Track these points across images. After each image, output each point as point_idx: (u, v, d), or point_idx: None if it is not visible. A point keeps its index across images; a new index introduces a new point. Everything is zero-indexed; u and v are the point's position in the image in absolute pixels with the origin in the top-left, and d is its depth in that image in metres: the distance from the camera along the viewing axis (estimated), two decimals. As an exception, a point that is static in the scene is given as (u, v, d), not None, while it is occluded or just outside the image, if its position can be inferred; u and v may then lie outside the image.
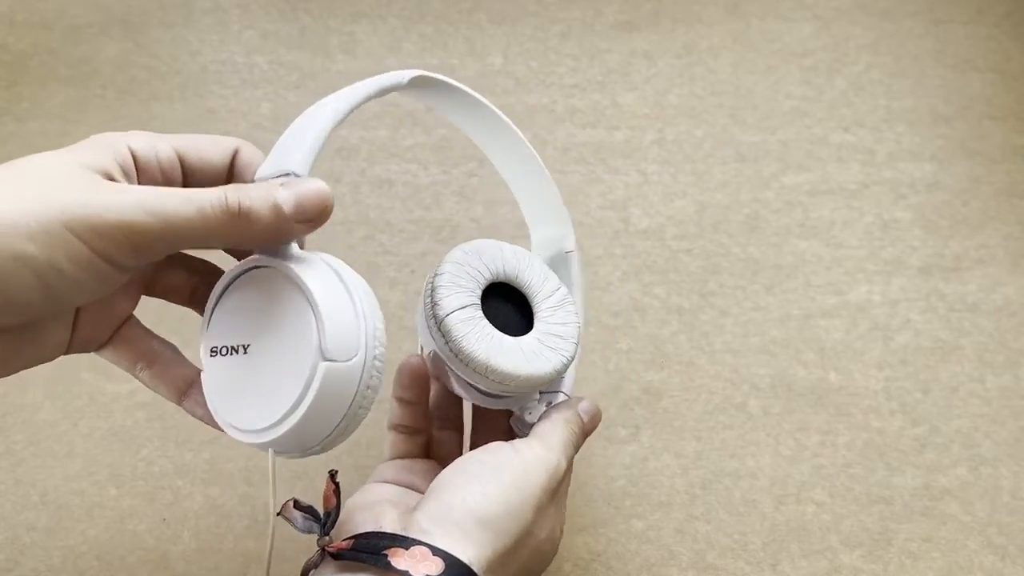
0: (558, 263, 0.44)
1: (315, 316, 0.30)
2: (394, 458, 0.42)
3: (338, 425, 0.31)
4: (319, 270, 0.31)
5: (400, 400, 0.42)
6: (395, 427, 0.42)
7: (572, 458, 0.38)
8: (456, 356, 0.37)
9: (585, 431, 0.40)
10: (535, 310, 0.40)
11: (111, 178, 0.30)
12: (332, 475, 0.34)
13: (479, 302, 0.39)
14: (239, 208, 0.29)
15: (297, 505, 0.34)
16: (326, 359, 0.30)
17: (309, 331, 0.30)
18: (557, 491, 0.36)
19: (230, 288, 0.33)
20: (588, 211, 0.55)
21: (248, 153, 0.35)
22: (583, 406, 0.40)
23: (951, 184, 0.56)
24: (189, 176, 0.34)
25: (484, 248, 0.40)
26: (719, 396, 0.51)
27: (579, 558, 0.47)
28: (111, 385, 0.51)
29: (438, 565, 0.31)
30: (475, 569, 0.31)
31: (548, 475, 0.35)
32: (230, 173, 0.35)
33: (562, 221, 0.44)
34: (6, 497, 0.48)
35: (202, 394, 0.33)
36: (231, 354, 0.32)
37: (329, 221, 0.55)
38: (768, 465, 0.49)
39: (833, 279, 0.54)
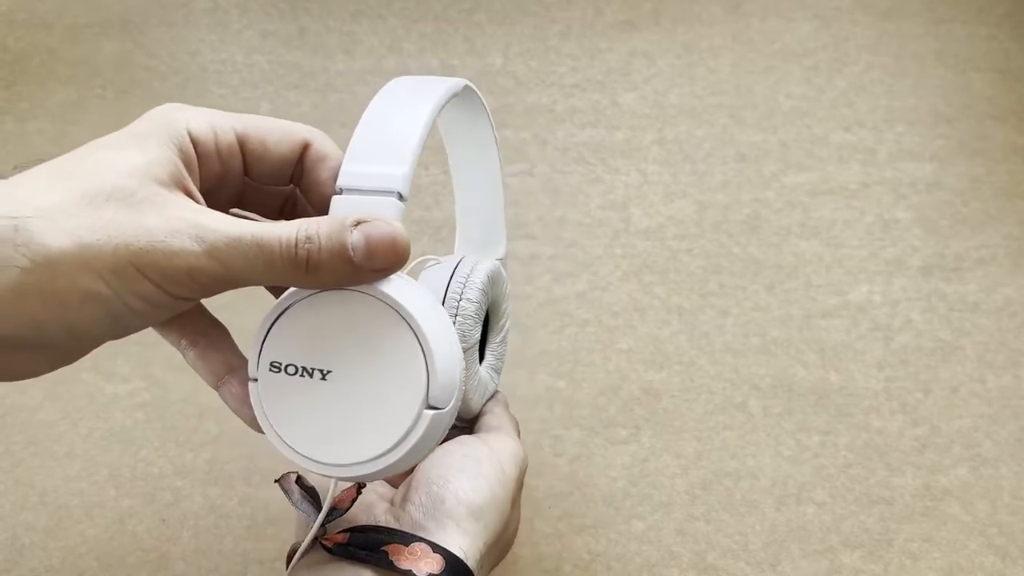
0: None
1: (426, 360, 0.28)
2: None
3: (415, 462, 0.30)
4: (420, 301, 0.29)
5: None
6: None
7: None
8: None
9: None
10: (488, 339, 0.42)
11: (181, 185, 0.28)
12: (360, 485, 0.33)
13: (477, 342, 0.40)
14: (307, 263, 0.27)
15: (299, 481, 0.34)
16: (431, 407, 0.28)
17: (417, 375, 0.28)
18: (522, 478, 0.38)
19: (303, 302, 0.29)
20: (588, 211, 0.55)
21: (321, 147, 0.31)
22: (500, 395, 0.43)
23: (951, 184, 0.56)
24: (250, 166, 0.31)
25: (493, 271, 0.40)
26: (719, 396, 0.51)
27: (579, 558, 0.47)
28: (111, 385, 0.51)
29: (439, 563, 0.31)
30: (469, 564, 0.31)
31: (519, 466, 0.37)
32: (299, 166, 0.32)
33: (501, 234, 0.43)
34: (6, 497, 0.48)
35: (241, 385, 0.31)
36: (303, 375, 0.29)
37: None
38: (768, 465, 0.49)
39: (834, 279, 0.54)
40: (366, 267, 0.28)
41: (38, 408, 0.50)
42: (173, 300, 0.27)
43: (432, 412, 0.28)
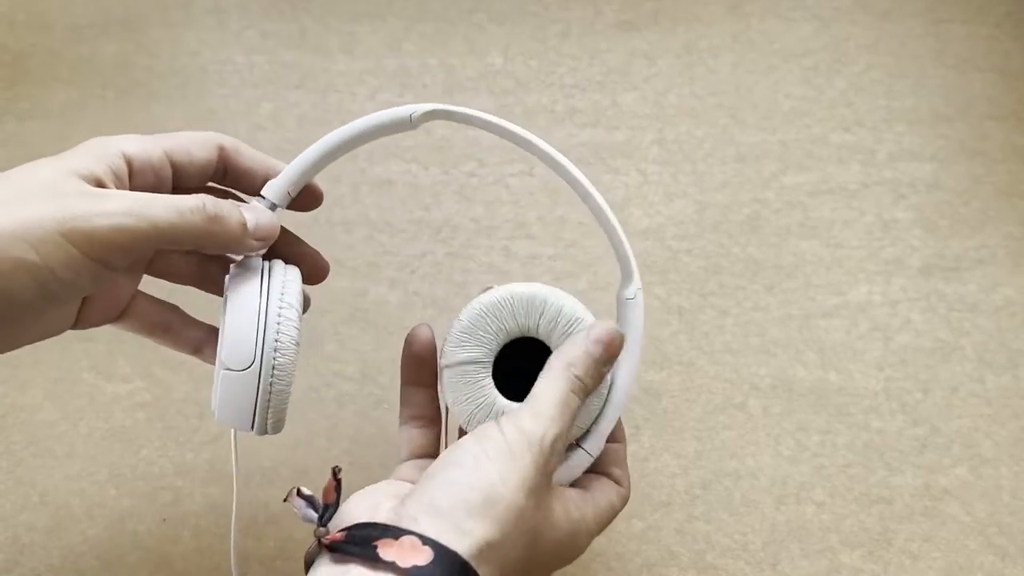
0: (619, 308, 0.41)
1: (221, 328, 0.35)
2: (410, 458, 0.40)
3: (254, 418, 0.36)
4: (248, 284, 0.36)
5: (407, 384, 0.41)
6: (407, 421, 0.41)
7: (571, 415, 0.36)
8: (447, 408, 0.39)
9: (600, 363, 0.37)
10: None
11: (101, 184, 0.33)
12: (335, 471, 0.34)
13: (490, 358, 0.38)
14: (212, 215, 0.34)
15: (300, 493, 0.34)
16: (225, 368, 0.35)
17: (221, 340, 0.35)
18: (549, 462, 0.34)
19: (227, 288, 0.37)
20: (588, 211, 0.55)
21: (234, 146, 0.38)
22: (596, 333, 0.37)
23: (951, 184, 0.56)
24: (178, 176, 0.37)
25: (522, 296, 0.39)
26: (719, 396, 0.51)
27: (579, 558, 0.47)
28: (111, 385, 0.51)
29: (427, 555, 0.30)
30: (466, 558, 0.31)
31: (533, 453, 0.33)
32: (219, 165, 0.38)
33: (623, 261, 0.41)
34: (6, 497, 0.48)
35: (214, 348, 0.36)
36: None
37: (329, 221, 0.55)
38: (768, 465, 0.49)
39: (833, 279, 0.54)
40: (254, 235, 0.36)
41: (38, 408, 0.50)
42: (97, 266, 0.32)
43: (225, 371, 0.35)
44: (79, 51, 0.59)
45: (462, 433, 0.40)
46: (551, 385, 0.36)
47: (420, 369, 0.40)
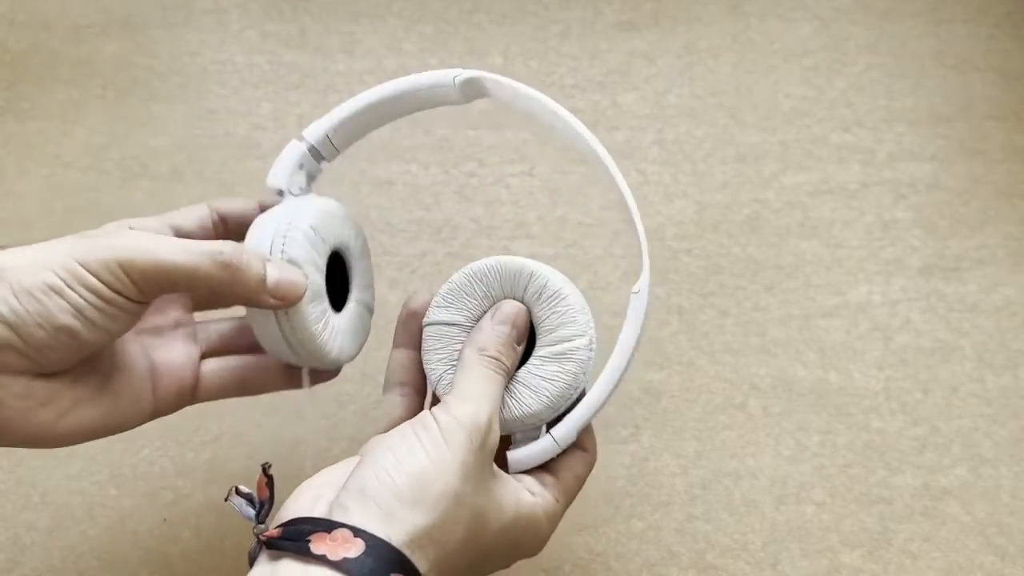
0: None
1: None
2: (389, 428, 0.38)
3: (290, 348, 0.39)
4: (268, 215, 0.40)
5: (401, 345, 0.40)
6: (391, 387, 0.40)
7: (500, 387, 0.36)
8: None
9: (510, 340, 0.38)
10: (533, 352, 0.39)
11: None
12: (264, 468, 0.35)
13: (471, 323, 0.39)
14: (230, 261, 0.35)
15: (239, 492, 0.35)
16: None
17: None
18: (484, 446, 0.34)
19: None
20: (588, 211, 0.55)
21: (214, 204, 0.41)
22: (498, 315, 0.38)
23: (951, 184, 0.56)
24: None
25: (510, 265, 0.39)
26: (719, 396, 0.51)
27: (579, 558, 0.47)
28: (111, 385, 0.51)
29: (358, 547, 0.30)
30: (397, 546, 0.30)
31: (467, 434, 0.33)
32: (218, 222, 0.41)
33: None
34: (7, 497, 0.48)
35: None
36: None
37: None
38: (768, 465, 0.49)
39: (833, 279, 0.54)
40: (272, 293, 0.37)
41: (39, 408, 0.50)
42: (116, 296, 0.33)
43: (248, 308, 0.39)
44: (79, 51, 0.59)
45: (435, 400, 0.40)
46: (470, 372, 0.36)
47: (414, 330, 0.40)
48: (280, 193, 0.41)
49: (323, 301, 0.39)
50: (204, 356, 0.41)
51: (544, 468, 0.39)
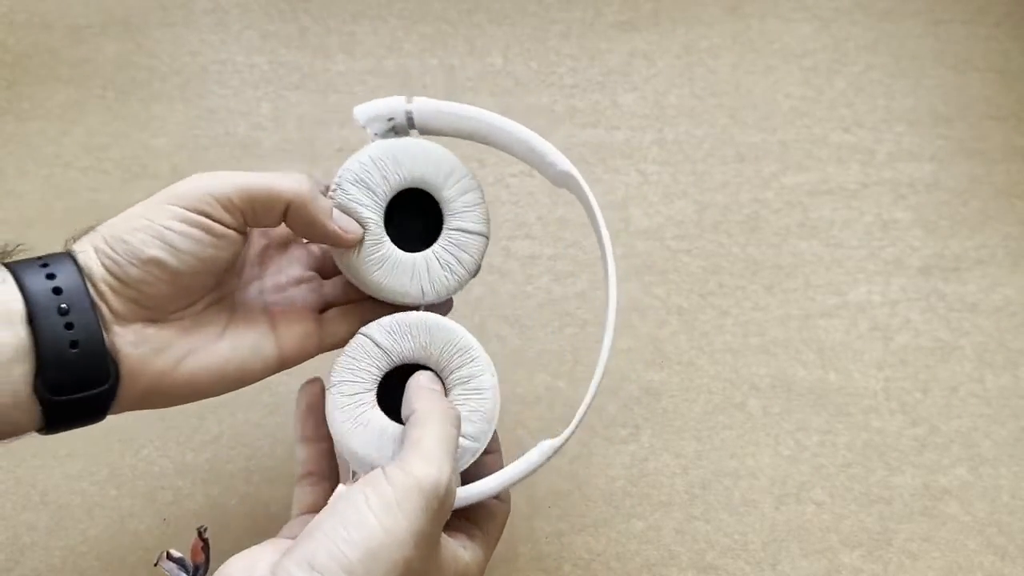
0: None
1: None
2: (301, 514, 0.38)
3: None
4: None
5: (302, 440, 0.40)
6: (300, 478, 0.39)
7: (456, 440, 0.35)
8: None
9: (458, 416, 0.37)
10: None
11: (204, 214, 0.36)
12: (200, 531, 0.34)
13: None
14: (312, 193, 0.37)
15: (170, 556, 0.34)
16: None
17: None
18: (444, 506, 0.33)
19: None
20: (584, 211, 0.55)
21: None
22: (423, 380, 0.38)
23: (951, 184, 0.56)
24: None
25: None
26: (719, 396, 0.51)
27: (579, 558, 0.47)
28: (111, 385, 0.51)
29: None
30: None
31: (426, 500, 0.32)
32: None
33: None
34: (6, 497, 0.48)
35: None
36: None
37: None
38: (768, 465, 0.49)
39: (833, 279, 0.54)
40: (336, 224, 0.38)
41: (39, 408, 0.50)
42: (200, 219, 0.35)
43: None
44: (79, 51, 0.59)
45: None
46: (428, 428, 0.35)
47: (314, 423, 0.39)
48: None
49: (377, 241, 0.39)
50: (326, 308, 0.42)
51: (470, 520, 0.39)
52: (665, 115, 0.58)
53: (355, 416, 0.38)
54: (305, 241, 0.43)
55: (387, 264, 0.40)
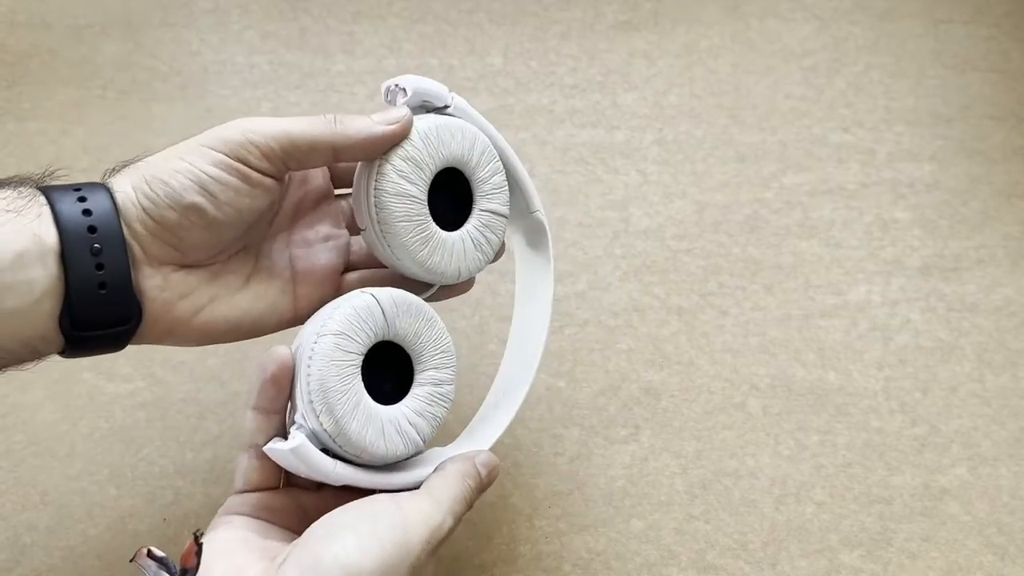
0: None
1: None
2: (246, 490, 0.38)
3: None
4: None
5: (257, 409, 0.37)
6: (249, 448, 0.37)
7: (461, 515, 0.36)
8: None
9: (481, 486, 0.38)
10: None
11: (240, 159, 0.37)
12: (196, 536, 0.33)
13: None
14: (338, 121, 0.37)
15: (151, 555, 0.33)
16: None
17: None
18: (436, 549, 0.34)
19: None
20: (588, 211, 0.55)
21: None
22: (482, 459, 0.38)
23: (951, 184, 0.56)
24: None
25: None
26: (719, 396, 0.51)
27: (579, 558, 0.47)
28: (111, 385, 0.51)
29: None
30: None
31: (430, 533, 0.33)
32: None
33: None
34: (6, 497, 0.48)
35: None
36: None
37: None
38: (768, 465, 0.49)
39: (833, 279, 0.54)
40: (383, 121, 0.38)
41: (39, 407, 0.50)
42: (239, 166, 0.35)
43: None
44: (79, 51, 0.59)
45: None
46: (449, 482, 0.36)
47: (274, 395, 0.36)
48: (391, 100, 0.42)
49: (423, 220, 0.39)
50: (348, 269, 0.42)
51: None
52: (665, 115, 0.58)
53: (342, 376, 0.36)
54: (337, 194, 0.43)
55: (432, 242, 0.39)
